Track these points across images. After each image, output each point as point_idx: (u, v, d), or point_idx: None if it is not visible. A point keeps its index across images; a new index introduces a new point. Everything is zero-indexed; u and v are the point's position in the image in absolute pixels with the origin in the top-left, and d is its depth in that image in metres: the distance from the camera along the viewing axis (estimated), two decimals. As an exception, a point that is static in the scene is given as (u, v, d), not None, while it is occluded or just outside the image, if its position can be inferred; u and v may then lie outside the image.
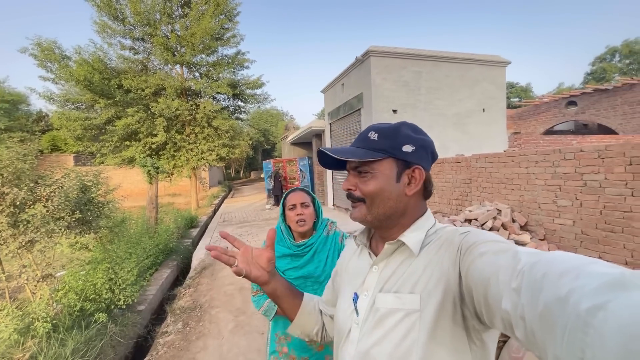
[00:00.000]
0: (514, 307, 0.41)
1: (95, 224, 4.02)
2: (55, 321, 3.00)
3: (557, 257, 0.40)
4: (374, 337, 0.64)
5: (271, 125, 38.08)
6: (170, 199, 16.98)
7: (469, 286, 0.54)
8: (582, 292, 0.32)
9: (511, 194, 4.52)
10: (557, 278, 0.36)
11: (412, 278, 0.63)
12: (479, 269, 0.51)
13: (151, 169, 6.79)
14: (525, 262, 0.43)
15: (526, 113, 15.57)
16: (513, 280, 0.43)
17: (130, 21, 11.35)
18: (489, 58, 8.45)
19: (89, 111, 11.65)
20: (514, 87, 31.02)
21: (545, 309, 0.36)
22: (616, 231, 3.28)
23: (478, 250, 0.54)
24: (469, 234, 0.60)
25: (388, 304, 0.64)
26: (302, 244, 1.49)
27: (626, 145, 3.17)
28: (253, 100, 14.31)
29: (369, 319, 0.66)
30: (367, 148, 0.69)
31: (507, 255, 0.48)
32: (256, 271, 0.79)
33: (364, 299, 0.69)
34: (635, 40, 25.98)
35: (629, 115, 11.57)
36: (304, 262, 1.48)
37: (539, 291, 0.37)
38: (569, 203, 3.71)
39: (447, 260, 0.60)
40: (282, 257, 1.51)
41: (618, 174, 3.23)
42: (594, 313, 0.30)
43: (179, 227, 7.83)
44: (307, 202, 1.52)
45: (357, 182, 0.70)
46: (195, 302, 4.11)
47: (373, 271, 0.70)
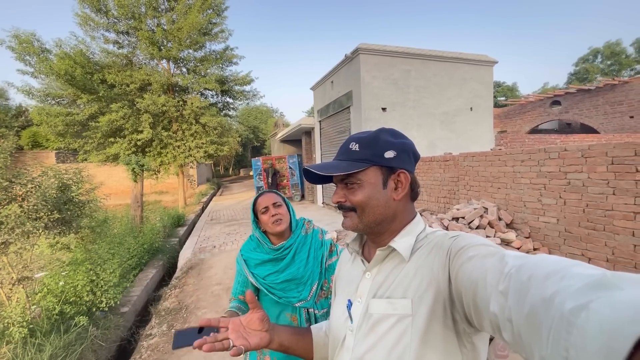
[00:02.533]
0: (502, 310, 0.42)
1: (75, 224, 3.89)
2: (32, 326, 2.89)
3: (542, 260, 0.41)
4: (367, 343, 0.64)
5: (260, 122, 37.75)
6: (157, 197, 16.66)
7: (458, 290, 0.54)
8: (566, 293, 0.33)
9: (497, 192, 4.57)
10: (543, 280, 0.37)
11: (403, 283, 0.64)
12: (467, 272, 0.52)
13: (136, 166, 6.62)
14: (512, 265, 0.44)
15: (512, 112, 15.85)
16: (500, 283, 0.44)
17: (114, 14, 11.02)
18: (476, 57, 8.53)
19: (70, 106, 11.28)
20: (501, 87, 31.55)
21: (531, 311, 0.36)
22: (598, 229, 3.36)
23: (467, 254, 0.55)
24: (458, 238, 0.61)
25: (381, 310, 0.64)
26: (280, 247, 1.44)
27: (608, 145, 3.23)
28: (242, 97, 14.13)
29: (362, 325, 0.67)
30: (350, 159, 0.70)
31: (494, 258, 0.49)
32: (254, 339, 0.75)
33: (357, 305, 0.70)
34: (616, 42, 26.77)
35: (610, 115, 11.90)
36: (285, 264, 1.43)
37: (525, 293, 0.38)
38: (553, 201, 3.78)
39: (437, 264, 0.61)
40: (261, 263, 1.45)
41: (600, 173, 3.29)
42: (577, 313, 0.30)
43: (165, 226, 7.68)
44: (279, 201, 1.46)
45: (346, 194, 0.71)
46: (181, 303, 4.03)
47: (366, 277, 0.71)
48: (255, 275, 1.44)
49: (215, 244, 6.51)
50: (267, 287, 1.42)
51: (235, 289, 1.50)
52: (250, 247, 1.51)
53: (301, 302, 1.41)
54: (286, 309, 1.43)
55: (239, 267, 1.50)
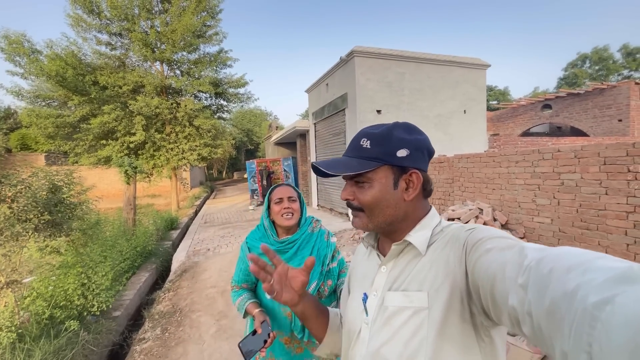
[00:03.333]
0: (521, 303, 0.41)
1: (66, 227, 3.81)
2: (21, 330, 2.80)
3: (563, 252, 0.40)
4: (383, 336, 0.64)
5: (255, 125, 37.65)
6: (149, 200, 16.45)
7: (475, 283, 0.54)
8: (589, 287, 0.32)
9: (492, 193, 4.61)
10: (564, 273, 0.36)
11: (419, 276, 0.63)
12: (485, 265, 0.51)
13: (129, 168, 6.53)
14: (532, 258, 0.43)
15: (504, 115, 16.08)
16: (520, 277, 0.43)
17: (106, 15, 10.91)
18: (469, 60, 8.64)
19: (61, 108, 11.10)
20: (493, 90, 32.02)
21: (552, 304, 0.35)
22: (591, 229, 3.40)
23: (484, 246, 0.54)
24: (474, 231, 0.60)
25: (396, 302, 0.64)
26: (285, 240, 1.44)
27: (600, 146, 3.29)
28: (236, 100, 14.08)
29: (378, 318, 0.67)
30: (360, 157, 0.68)
31: (513, 251, 0.48)
32: (287, 294, 0.75)
33: (373, 298, 0.70)
34: (603, 48, 27.42)
35: (599, 119, 12.15)
36: (287, 258, 1.43)
37: (546, 287, 0.37)
38: (548, 202, 3.82)
39: (454, 257, 0.60)
40: (263, 254, 1.45)
41: (593, 173, 3.34)
42: (601, 307, 0.29)
43: (158, 229, 7.57)
44: (294, 196, 1.48)
45: (355, 192, 0.70)
46: (175, 307, 3.96)
47: (382, 271, 0.71)
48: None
49: (210, 247, 6.44)
50: None
51: (238, 276, 1.51)
52: (256, 235, 1.51)
53: None
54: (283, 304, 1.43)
55: (242, 254, 1.51)
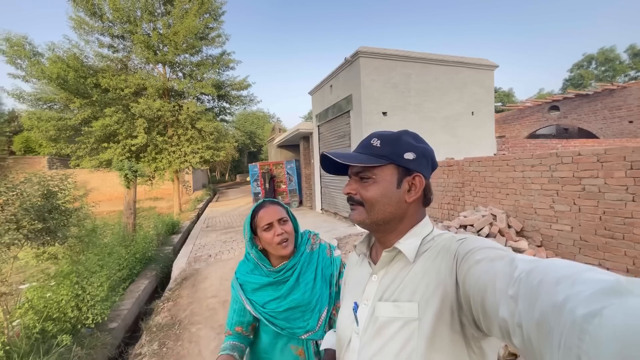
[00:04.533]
0: (511, 315, 0.41)
1: (61, 234, 3.64)
2: (8, 347, 2.64)
3: (553, 265, 0.40)
4: (374, 347, 0.63)
5: (257, 128, 37.60)
6: (151, 203, 16.36)
7: (466, 294, 0.53)
8: (577, 299, 0.32)
9: (506, 198, 4.40)
10: (554, 285, 0.36)
11: (410, 286, 0.63)
12: (475, 276, 0.51)
13: (129, 172, 6.38)
14: (522, 270, 0.43)
15: (510, 117, 15.83)
16: (510, 288, 0.42)
17: (109, 17, 10.83)
18: (477, 61, 8.44)
19: (63, 111, 11.01)
20: (497, 92, 31.75)
21: (541, 316, 0.35)
22: (616, 237, 3.18)
23: (474, 257, 0.54)
24: (465, 241, 0.60)
25: (387, 313, 0.64)
26: (282, 268, 1.21)
27: (626, 149, 3.08)
28: (239, 102, 13.97)
29: (369, 328, 0.66)
30: (369, 154, 0.70)
31: (503, 262, 0.48)
32: None
33: (363, 308, 0.69)
34: (610, 49, 27.09)
35: (609, 120, 11.88)
36: (288, 289, 1.20)
37: (536, 298, 0.37)
38: (567, 208, 3.60)
39: (445, 267, 0.59)
40: (260, 288, 1.23)
41: (618, 178, 3.13)
42: (589, 319, 0.29)
43: (159, 234, 7.41)
44: (285, 216, 1.23)
45: (358, 187, 0.71)
46: (174, 318, 3.78)
47: (372, 280, 0.70)
48: (252, 302, 1.23)
49: (211, 253, 6.26)
50: (268, 317, 1.20)
51: (231, 318, 1.27)
52: (247, 268, 1.28)
53: (308, 334, 1.19)
54: (291, 341, 1.22)
55: (234, 293, 1.28)
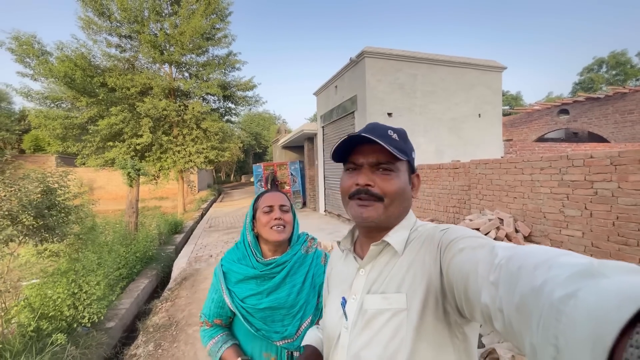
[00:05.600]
0: (493, 300, 0.42)
1: (60, 231, 3.62)
2: (1, 345, 2.59)
3: (531, 251, 0.41)
4: (363, 340, 0.63)
5: (263, 129, 37.67)
6: (156, 203, 16.44)
7: (450, 282, 0.54)
8: (554, 282, 0.33)
9: (513, 202, 4.27)
10: (532, 270, 0.37)
11: (397, 277, 0.63)
12: (458, 264, 0.52)
13: (131, 171, 6.37)
14: (502, 256, 0.44)
15: (518, 120, 15.59)
16: (491, 274, 0.43)
17: (116, 17, 10.94)
18: (484, 63, 8.31)
19: (70, 110, 11.12)
20: (505, 95, 31.40)
21: (521, 300, 0.36)
22: (630, 244, 3.04)
23: (457, 246, 0.55)
24: (448, 230, 0.61)
25: (376, 305, 0.64)
26: (272, 262, 1.13)
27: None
28: (244, 103, 13.97)
29: (357, 322, 0.66)
30: (392, 146, 0.66)
31: (485, 250, 0.49)
32: None
33: (352, 302, 0.69)
34: (621, 52, 26.60)
35: (620, 124, 11.61)
36: (273, 286, 1.12)
37: (515, 283, 0.38)
38: (578, 213, 3.47)
39: (429, 257, 0.60)
40: (244, 280, 1.14)
41: (633, 182, 2.99)
42: (565, 301, 0.30)
43: (161, 233, 7.39)
44: (287, 206, 1.18)
45: (377, 179, 0.68)
46: (172, 319, 3.72)
47: (360, 274, 0.70)
48: (232, 293, 1.13)
49: (212, 253, 6.20)
50: (244, 313, 1.11)
51: (209, 309, 1.18)
52: (235, 256, 1.19)
53: (284, 341, 1.08)
54: (265, 347, 1.11)
55: (216, 281, 1.19)
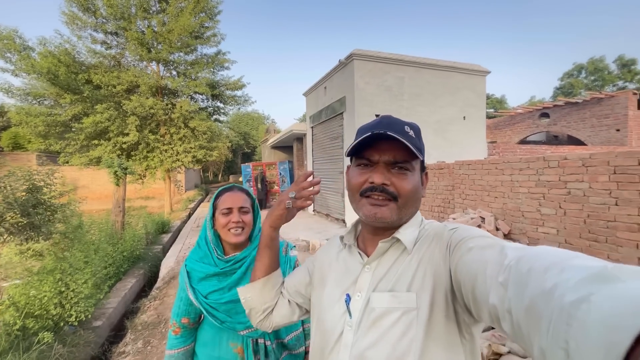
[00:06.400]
0: (501, 301, 0.42)
1: (46, 229, 3.58)
2: (-14, 344, 2.57)
3: (542, 252, 0.41)
4: (369, 339, 0.62)
5: (252, 129, 37.48)
6: (142, 202, 16.15)
7: (458, 281, 0.54)
8: (566, 286, 0.32)
9: (494, 201, 4.46)
10: (542, 272, 0.37)
11: (406, 276, 0.63)
12: (467, 264, 0.52)
13: (118, 169, 6.29)
14: (512, 257, 0.43)
15: (502, 123, 16.06)
16: (500, 275, 0.43)
17: (102, 13, 10.74)
18: (469, 67, 8.56)
19: (53, 107, 10.85)
20: (490, 98, 32.20)
21: (531, 303, 0.36)
22: (600, 241, 3.24)
23: (466, 245, 0.55)
24: (457, 230, 0.61)
25: (384, 304, 0.62)
26: (231, 259, 1.17)
27: (610, 154, 3.15)
28: (233, 102, 13.91)
29: (363, 320, 0.64)
30: (410, 143, 0.63)
31: (494, 250, 0.49)
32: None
33: (357, 300, 0.67)
34: (599, 59, 27.72)
35: (597, 128, 12.14)
36: (234, 281, 1.15)
37: (525, 285, 0.38)
38: (553, 212, 3.67)
39: (438, 256, 0.60)
40: (205, 278, 1.18)
41: (602, 182, 3.20)
42: (577, 305, 0.30)
43: (148, 233, 7.33)
44: (247, 207, 1.19)
45: (392, 178, 0.65)
46: (160, 317, 3.73)
47: (366, 271, 0.68)
48: (195, 291, 1.17)
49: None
50: (209, 309, 1.15)
51: (178, 307, 1.22)
52: (197, 256, 1.22)
53: (248, 330, 1.14)
54: (230, 337, 1.17)
55: (182, 281, 1.22)
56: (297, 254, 1.35)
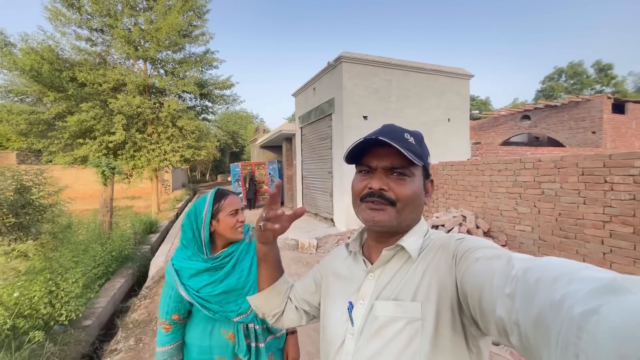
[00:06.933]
0: (508, 313, 0.41)
1: (35, 229, 3.58)
2: (-23, 343, 2.59)
3: (550, 263, 0.40)
4: (372, 348, 0.61)
5: (240, 128, 37.23)
6: (128, 202, 15.90)
7: (464, 292, 0.53)
8: (575, 297, 0.32)
9: (475, 200, 4.67)
10: (551, 283, 0.36)
11: (411, 284, 0.62)
12: (473, 275, 0.51)
13: (106, 169, 6.26)
14: (519, 268, 0.43)
15: (486, 124, 16.53)
16: (507, 286, 0.43)
17: (87, 10, 10.54)
18: (454, 70, 8.83)
19: (35, 104, 10.59)
20: (475, 100, 32.97)
21: (539, 314, 0.36)
22: (569, 237, 3.48)
23: (473, 256, 0.54)
24: (464, 241, 0.60)
25: (388, 313, 0.62)
26: (220, 255, 1.28)
27: (579, 157, 3.38)
28: (221, 101, 13.86)
29: (365, 328, 0.64)
30: (409, 150, 0.64)
31: (501, 261, 0.48)
32: (274, 227, 0.77)
33: (359, 307, 0.67)
34: (578, 63, 28.77)
35: (574, 130, 12.67)
36: (224, 274, 1.27)
37: (533, 296, 0.38)
38: (528, 210, 3.89)
39: (444, 266, 0.60)
40: (197, 274, 1.27)
41: (572, 183, 3.43)
42: (587, 317, 0.30)
43: (136, 233, 7.29)
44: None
45: (391, 183, 0.66)
46: (152, 315, 3.78)
47: (369, 278, 0.68)
48: (187, 288, 1.25)
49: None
50: (202, 302, 1.24)
51: (167, 305, 1.27)
52: (184, 255, 1.30)
53: (240, 316, 1.26)
54: (222, 325, 1.28)
55: (170, 279, 1.28)
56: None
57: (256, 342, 1.30)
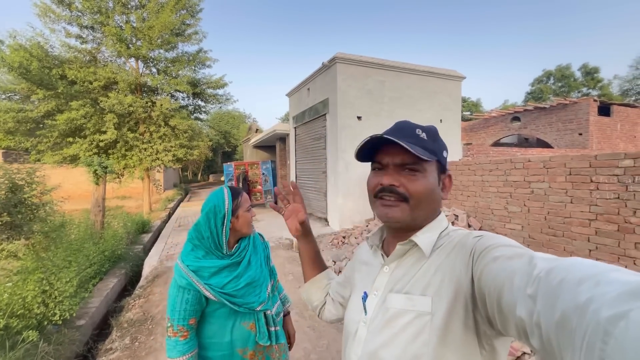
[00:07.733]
0: (529, 314, 0.40)
1: (27, 229, 3.54)
2: (-30, 343, 2.55)
3: (575, 263, 0.39)
4: (382, 338, 0.63)
5: (233, 127, 37.01)
6: (119, 202, 15.66)
7: (481, 291, 0.53)
8: (602, 300, 0.31)
9: (467, 200, 4.78)
10: (576, 285, 0.35)
11: (423, 280, 0.63)
12: (492, 273, 0.50)
13: (98, 168, 6.18)
14: (541, 268, 0.42)
15: (477, 126, 16.80)
16: (529, 287, 0.42)
17: (77, 7, 10.38)
18: (446, 72, 8.97)
19: (24, 102, 10.38)
20: (466, 102, 33.43)
21: (562, 317, 0.35)
22: (558, 235, 3.59)
23: (492, 254, 0.53)
24: (482, 238, 0.59)
25: (399, 305, 0.64)
26: (236, 249, 1.34)
27: (566, 157, 3.50)
28: (214, 101, 13.78)
29: (377, 318, 0.66)
30: (419, 146, 0.66)
31: (522, 260, 0.47)
32: (291, 221, 1.00)
33: (373, 298, 0.70)
34: (566, 66, 29.42)
35: (562, 132, 12.98)
36: (243, 268, 1.32)
37: (556, 298, 0.37)
38: (518, 209, 4.00)
39: (460, 263, 0.59)
40: (218, 272, 1.27)
41: (560, 182, 3.54)
42: (614, 322, 0.29)
43: (128, 232, 7.22)
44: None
45: (402, 180, 0.67)
46: (146, 314, 3.77)
47: (384, 271, 0.71)
48: (211, 287, 1.24)
49: (184, 252, 6.19)
50: (228, 298, 1.25)
51: (183, 311, 1.22)
52: (197, 255, 1.29)
53: (262, 305, 1.33)
54: (242, 318, 1.31)
55: (187, 282, 1.23)
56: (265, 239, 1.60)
57: (275, 327, 1.38)
